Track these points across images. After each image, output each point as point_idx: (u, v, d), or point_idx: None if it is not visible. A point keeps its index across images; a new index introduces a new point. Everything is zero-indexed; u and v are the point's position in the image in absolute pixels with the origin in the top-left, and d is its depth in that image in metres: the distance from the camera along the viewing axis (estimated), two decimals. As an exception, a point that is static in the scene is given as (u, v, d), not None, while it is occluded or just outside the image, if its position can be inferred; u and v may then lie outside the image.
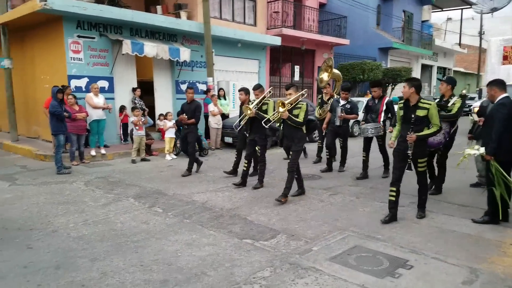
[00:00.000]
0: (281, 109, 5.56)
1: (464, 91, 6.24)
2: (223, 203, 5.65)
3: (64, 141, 7.76)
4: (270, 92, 6.88)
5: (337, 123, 7.67)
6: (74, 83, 9.62)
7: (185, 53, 11.40)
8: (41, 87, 10.56)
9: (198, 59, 12.47)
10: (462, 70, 35.88)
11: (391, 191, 4.82)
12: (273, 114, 6.08)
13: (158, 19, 10.95)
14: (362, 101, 14.41)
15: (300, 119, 5.57)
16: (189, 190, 6.38)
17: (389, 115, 7.14)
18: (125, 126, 10.55)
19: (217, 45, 12.63)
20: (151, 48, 10.48)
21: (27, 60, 11.14)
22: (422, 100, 4.70)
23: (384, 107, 7.03)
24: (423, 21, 26.91)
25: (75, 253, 3.87)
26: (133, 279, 3.35)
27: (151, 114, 10.72)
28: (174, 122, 9.36)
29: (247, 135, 6.76)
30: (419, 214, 4.99)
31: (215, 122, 10.66)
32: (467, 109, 15.69)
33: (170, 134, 9.36)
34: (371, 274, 3.45)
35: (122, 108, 10.52)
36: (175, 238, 4.30)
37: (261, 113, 6.33)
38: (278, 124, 6.06)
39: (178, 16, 12.54)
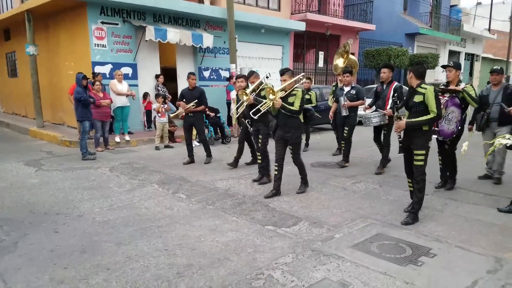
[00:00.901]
0: (271, 96, 5.10)
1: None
2: (246, 190, 5.65)
3: (89, 127, 7.92)
4: (267, 77, 6.32)
5: (343, 113, 7.09)
6: (98, 69, 9.75)
7: (208, 39, 11.37)
8: (65, 73, 10.77)
9: (221, 45, 12.42)
10: (491, 56, 34.37)
11: (409, 182, 4.66)
12: (264, 103, 5.58)
13: (181, 4, 10.91)
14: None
15: (296, 107, 5.11)
16: (212, 177, 6.42)
17: (397, 102, 6.55)
18: (148, 113, 10.68)
19: (240, 31, 12.51)
20: (174, 34, 10.49)
21: (51, 47, 11.36)
22: (422, 85, 4.28)
23: (391, 93, 6.32)
24: (451, 6, 25.90)
25: (100, 237, 3.96)
26: (157, 263, 3.41)
27: (174, 101, 10.80)
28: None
29: (249, 126, 6.40)
30: (405, 221, 4.31)
31: (237, 110, 10.64)
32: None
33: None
34: (393, 262, 3.40)
35: (146, 95, 10.63)
36: (198, 224, 4.34)
37: (260, 99, 5.82)
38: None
39: (201, 1, 12.47)
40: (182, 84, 11.75)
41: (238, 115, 6.53)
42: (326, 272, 3.23)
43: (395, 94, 6.07)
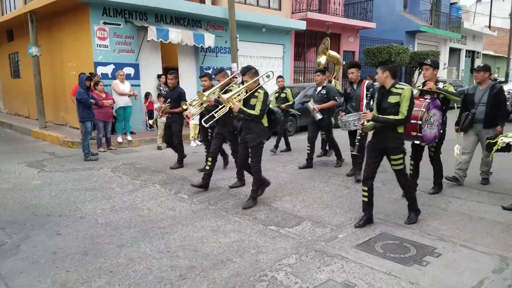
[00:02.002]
0: (225, 96, 4.71)
1: (495, 75, 5.96)
2: (247, 190, 5.59)
3: (92, 128, 7.91)
4: (236, 77, 5.90)
5: (317, 117, 6.57)
6: (100, 70, 9.76)
7: (209, 39, 11.36)
8: (68, 74, 10.77)
9: (223, 44, 12.40)
10: (491, 53, 34.24)
11: (363, 191, 4.22)
12: (220, 109, 5.10)
13: (182, 4, 10.90)
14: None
15: (257, 111, 4.62)
16: (214, 176, 6.34)
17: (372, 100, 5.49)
18: (150, 112, 10.67)
19: (242, 30, 12.49)
20: (176, 34, 10.48)
21: (54, 48, 11.37)
22: (397, 85, 4.00)
23: (365, 92, 5.79)
24: (451, 4, 25.87)
25: (102, 239, 3.95)
26: (159, 265, 3.39)
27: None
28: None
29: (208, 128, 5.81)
30: (408, 219, 4.26)
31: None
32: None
33: (195, 120, 9.38)
34: (398, 262, 3.37)
35: (147, 95, 10.63)
36: (200, 225, 4.32)
37: (223, 100, 4.91)
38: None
39: (202, 1, 12.45)
40: (184, 84, 11.73)
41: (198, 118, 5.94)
42: (330, 273, 3.21)
43: (368, 92, 5.37)
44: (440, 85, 4.89)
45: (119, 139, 9.06)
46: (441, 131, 4.93)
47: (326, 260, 3.43)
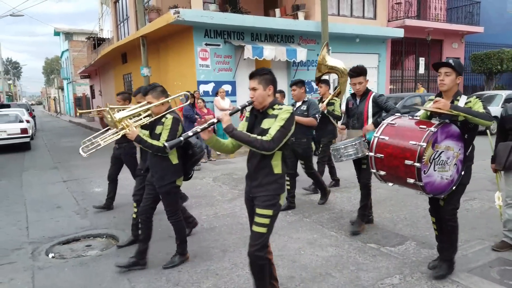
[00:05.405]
0: (118, 116, 3.51)
1: None
2: (342, 204, 5.56)
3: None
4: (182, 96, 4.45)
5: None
6: (202, 87, 10.56)
7: (301, 53, 11.55)
8: (174, 92, 11.76)
9: (314, 58, 12.46)
10: None
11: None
12: (114, 133, 3.74)
13: (276, 22, 11.32)
14: (501, 95, 12.63)
15: (161, 141, 3.47)
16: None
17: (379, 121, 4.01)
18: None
19: (334, 42, 12.44)
20: (269, 51, 10.89)
21: (161, 68, 12.62)
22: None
23: (371, 107, 4.32)
24: None
25: (208, 244, 4.25)
26: (260, 272, 3.53)
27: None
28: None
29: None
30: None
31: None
32: None
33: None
34: (521, 293, 3.03)
35: (243, 110, 11.12)
36: (297, 236, 4.39)
37: (114, 121, 3.55)
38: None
39: (296, 17, 12.73)
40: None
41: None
42: (438, 296, 3.02)
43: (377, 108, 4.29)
44: (462, 100, 3.13)
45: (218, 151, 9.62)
46: (462, 173, 3.18)
47: (434, 282, 3.23)
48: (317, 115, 5.26)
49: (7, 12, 21.79)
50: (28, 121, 14.25)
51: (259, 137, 2.62)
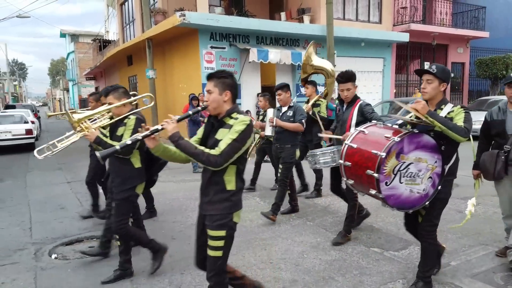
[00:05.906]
0: (76, 117, 3.41)
1: None
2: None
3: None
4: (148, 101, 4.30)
5: (267, 132, 5.18)
6: (207, 90, 10.57)
7: (306, 57, 11.55)
8: (179, 94, 11.88)
9: (319, 62, 12.48)
10: None
11: None
12: (71, 135, 3.82)
13: (282, 25, 11.35)
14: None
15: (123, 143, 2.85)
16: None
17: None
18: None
19: (339, 46, 12.46)
20: (275, 55, 10.91)
21: (167, 71, 12.67)
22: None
23: (355, 116, 4.07)
24: None
25: (211, 246, 4.23)
26: (263, 275, 3.52)
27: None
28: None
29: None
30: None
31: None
32: None
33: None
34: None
35: (247, 113, 11.17)
36: (300, 239, 4.38)
37: (72, 122, 3.49)
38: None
39: (301, 20, 12.76)
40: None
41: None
42: (442, 302, 2.99)
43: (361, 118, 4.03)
44: (447, 109, 2.92)
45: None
46: (438, 187, 2.93)
47: (437, 287, 3.21)
48: (303, 120, 5.05)
49: (14, 13, 21.95)
50: (33, 122, 14.33)
51: (206, 150, 2.32)
